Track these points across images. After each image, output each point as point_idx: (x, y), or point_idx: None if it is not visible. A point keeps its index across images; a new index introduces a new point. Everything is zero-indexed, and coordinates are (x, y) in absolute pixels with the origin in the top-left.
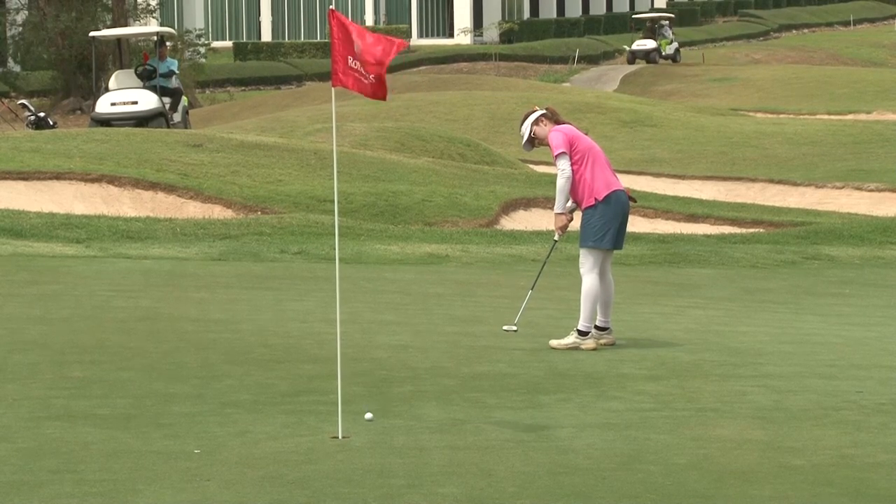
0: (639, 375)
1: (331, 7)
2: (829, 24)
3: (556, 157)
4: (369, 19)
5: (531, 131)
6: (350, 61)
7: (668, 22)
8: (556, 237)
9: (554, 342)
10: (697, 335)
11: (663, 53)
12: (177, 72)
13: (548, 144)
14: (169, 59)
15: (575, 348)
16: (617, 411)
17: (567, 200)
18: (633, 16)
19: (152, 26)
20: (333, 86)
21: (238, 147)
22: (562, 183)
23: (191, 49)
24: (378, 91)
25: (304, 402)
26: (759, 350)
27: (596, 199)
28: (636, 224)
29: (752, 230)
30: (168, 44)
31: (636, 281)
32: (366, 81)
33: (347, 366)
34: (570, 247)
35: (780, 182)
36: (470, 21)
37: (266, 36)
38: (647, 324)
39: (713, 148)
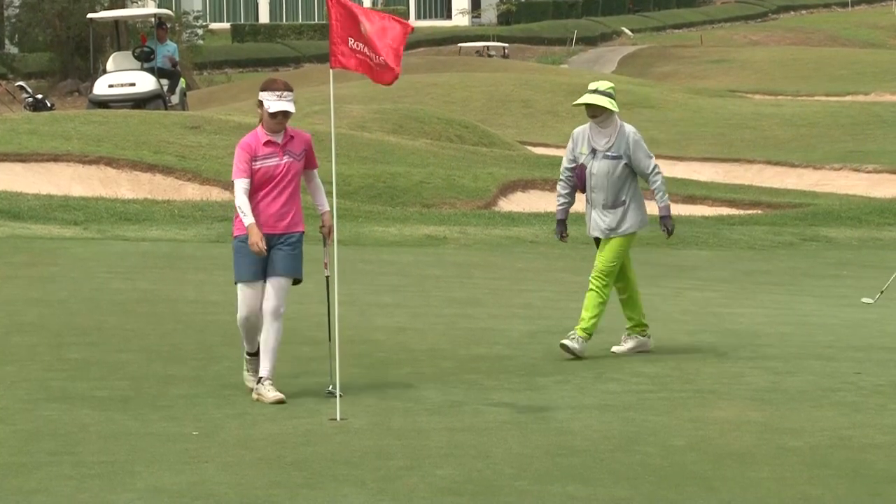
0: (636, 357)
1: None
2: (827, 6)
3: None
4: (367, 0)
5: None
6: (351, 42)
7: (505, 48)
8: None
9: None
10: (695, 317)
11: None
12: (178, 59)
13: (296, 138)
14: (169, 42)
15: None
16: (615, 393)
17: None
18: (460, 44)
19: (150, 8)
20: (332, 67)
21: (236, 129)
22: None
23: (188, 31)
24: (386, 75)
25: (303, 384)
26: (756, 331)
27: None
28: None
29: (750, 212)
30: (167, 25)
31: (634, 263)
32: (372, 63)
33: (345, 348)
34: (568, 228)
35: (778, 164)
36: (468, 2)
37: (264, 18)
38: (644, 305)
39: (711, 129)
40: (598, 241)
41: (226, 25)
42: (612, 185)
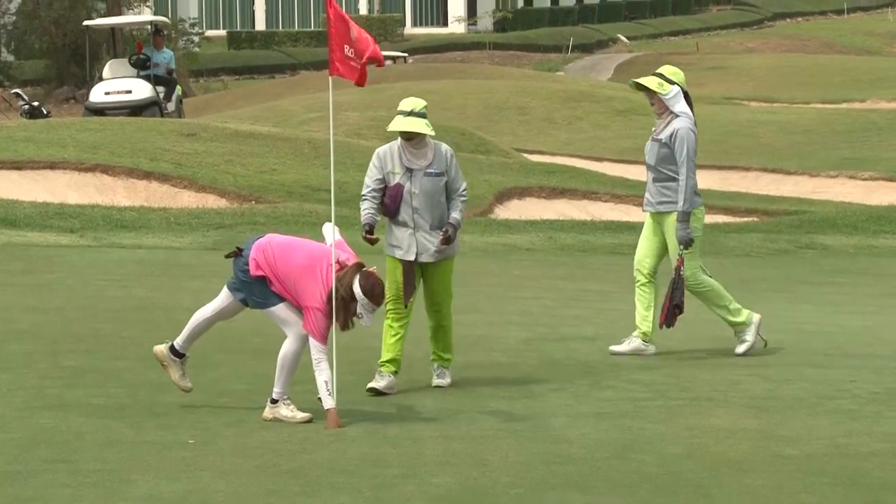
0: (632, 365)
1: None
2: (823, 13)
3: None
4: (363, 8)
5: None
6: (347, 50)
7: (405, 55)
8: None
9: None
10: (691, 324)
11: None
12: (175, 68)
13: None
14: (166, 49)
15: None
16: (611, 400)
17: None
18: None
19: (146, 15)
20: (331, 74)
21: (232, 136)
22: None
23: (184, 38)
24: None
25: (299, 391)
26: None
27: None
28: (630, 213)
29: (745, 219)
30: (164, 32)
31: (630, 270)
32: (357, 67)
33: (342, 355)
34: (564, 235)
35: (773, 171)
36: (464, 9)
37: (260, 25)
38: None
39: (707, 137)
40: (408, 265)
41: (222, 33)
42: (436, 204)
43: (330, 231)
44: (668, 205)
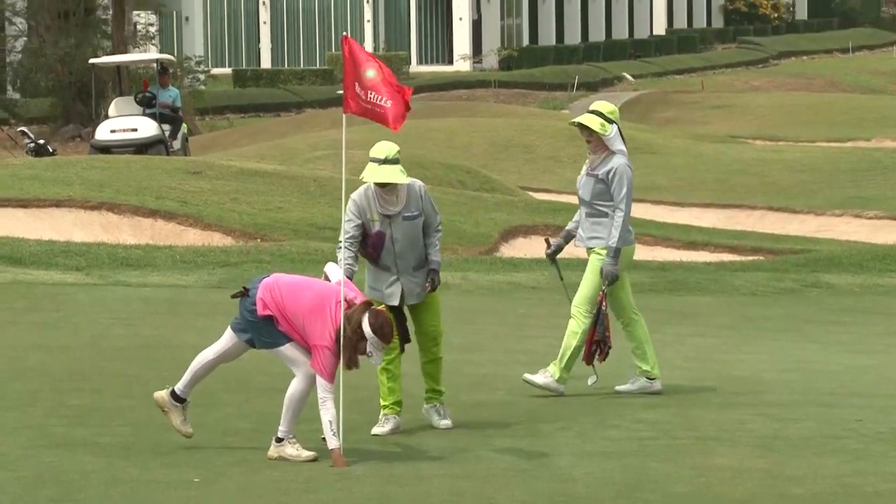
0: (638, 404)
1: (344, 33)
2: (829, 51)
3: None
4: (368, 45)
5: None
6: (356, 87)
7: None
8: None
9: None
10: (697, 363)
11: None
12: (180, 105)
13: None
14: (172, 87)
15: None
16: (616, 440)
17: None
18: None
19: (152, 53)
20: (345, 112)
21: (237, 174)
22: None
23: (190, 76)
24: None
25: (304, 430)
26: (758, 378)
27: None
28: (636, 252)
29: (751, 258)
30: (170, 70)
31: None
32: (380, 110)
33: (347, 394)
34: (570, 274)
35: (779, 209)
36: (469, 48)
37: (266, 63)
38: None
39: (712, 175)
40: (394, 308)
41: (227, 70)
42: (417, 246)
43: (333, 271)
44: (598, 240)
